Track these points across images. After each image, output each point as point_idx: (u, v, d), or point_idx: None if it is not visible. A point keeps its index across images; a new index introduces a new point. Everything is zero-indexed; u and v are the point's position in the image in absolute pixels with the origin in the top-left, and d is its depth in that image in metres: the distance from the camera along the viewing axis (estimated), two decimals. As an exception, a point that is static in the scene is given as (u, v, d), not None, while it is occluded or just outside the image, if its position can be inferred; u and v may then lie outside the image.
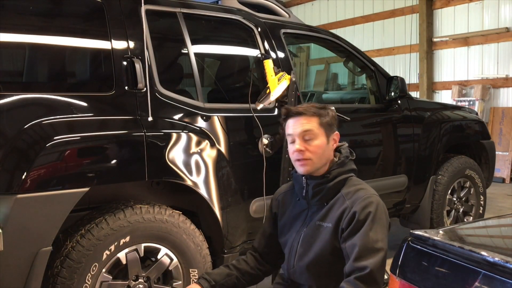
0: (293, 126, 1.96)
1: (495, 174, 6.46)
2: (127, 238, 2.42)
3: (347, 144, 2.08)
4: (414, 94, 8.75)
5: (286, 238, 2.06)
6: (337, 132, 2.01)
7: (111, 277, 2.42)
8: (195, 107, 2.77)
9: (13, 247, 2.11)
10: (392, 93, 3.80)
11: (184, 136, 2.63)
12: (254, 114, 2.92)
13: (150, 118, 2.54)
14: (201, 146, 2.68)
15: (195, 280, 2.18)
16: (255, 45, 3.20)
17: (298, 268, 1.97)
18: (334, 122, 2.00)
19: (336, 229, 1.87)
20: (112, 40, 2.53)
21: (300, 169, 1.96)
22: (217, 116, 2.82)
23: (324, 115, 1.98)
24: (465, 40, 8.46)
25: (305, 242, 1.96)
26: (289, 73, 3.04)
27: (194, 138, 2.66)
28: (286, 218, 2.09)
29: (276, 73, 2.99)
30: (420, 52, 8.97)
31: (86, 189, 2.29)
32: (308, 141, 1.94)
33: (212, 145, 2.72)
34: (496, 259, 1.27)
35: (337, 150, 2.04)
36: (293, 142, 1.97)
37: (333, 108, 3.02)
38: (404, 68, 9.37)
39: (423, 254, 1.50)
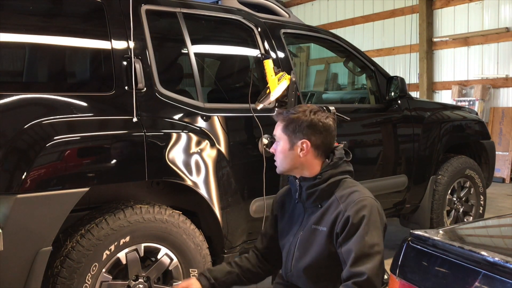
0: None
1: (495, 174, 6.46)
2: (127, 238, 2.42)
3: (342, 145, 2.06)
4: (414, 94, 8.75)
5: (284, 241, 2.06)
6: (304, 140, 1.94)
7: (111, 277, 2.42)
8: (195, 107, 2.77)
9: (13, 247, 2.11)
10: (392, 93, 3.80)
11: (184, 136, 2.63)
12: (254, 114, 2.92)
13: (150, 118, 2.54)
14: (201, 146, 2.68)
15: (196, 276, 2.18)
16: (255, 45, 3.20)
17: (295, 271, 1.97)
18: (302, 130, 1.94)
19: (331, 233, 1.86)
20: (112, 40, 2.53)
21: None
22: (217, 116, 2.82)
23: (290, 122, 1.95)
24: (465, 40, 8.46)
25: (301, 245, 1.95)
26: (289, 73, 3.04)
27: (194, 138, 2.66)
28: (285, 221, 2.09)
29: (276, 73, 2.99)
30: (420, 52, 8.97)
31: (86, 189, 2.29)
32: (276, 145, 2.03)
33: (212, 145, 2.72)
34: (496, 259, 1.27)
35: (332, 151, 2.02)
36: None
37: (333, 108, 3.08)
38: (404, 68, 9.37)
39: (423, 254, 1.50)
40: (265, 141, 2.89)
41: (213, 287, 2.05)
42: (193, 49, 2.94)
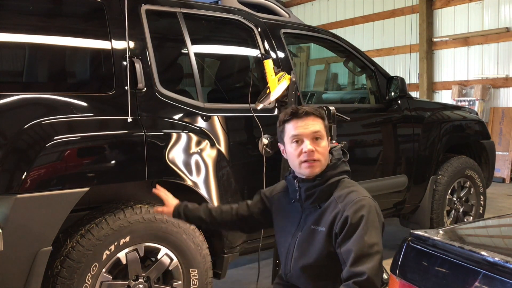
0: (301, 127, 1.91)
1: (495, 174, 6.46)
2: (127, 238, 2.42)
3: (340, 146, 2.06)
4: (414, 94, 8.75)
5: (281, 240, 2.06)
6: (329, 136, 2.02)
7: (111, 277, 2.42)
8: (195, 107, 2.77)
9: (13, 247, 2.11)
10: (392, 93, 3.80)
11: (184, 136, 2.63)
12: (254, 114, 2.92)
13: (150, 118, 2.54)
14: (201, 146, 2.68)
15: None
16: (255, 45, 3.20)
17: (294, 272, 1.97)
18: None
19: (330, 234, 1.86)
20: (112, 40, 2.53)
21: (307, 171, 1.91)
22: (217, 116, 2.82)
23: (325, 118, 2.00)
24: (465, 40, 8.46)
25: (300, 246, 1.95)
26: (289, 73, 3.04)
27: (194, 138, 2.66)
28: (281, 219, 2.08)
29: (276, 73, 2.99)
30: (420, 52, 8.97)
31: (86, 189, 2.29)
32: (317, 142, 1.91)
33: (212, 145, 2.73)
34: (496, 259, 1.27)
35: (330, 152, 2.01)
36: (298, 142, 1.92)
37: (333, 108, 3.08)
38: (404, 68, 9.37)
39: (423, 254, 1.50)
40: (265, 141, 2.89)
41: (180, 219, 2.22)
42: (193, 49, 2.94)
